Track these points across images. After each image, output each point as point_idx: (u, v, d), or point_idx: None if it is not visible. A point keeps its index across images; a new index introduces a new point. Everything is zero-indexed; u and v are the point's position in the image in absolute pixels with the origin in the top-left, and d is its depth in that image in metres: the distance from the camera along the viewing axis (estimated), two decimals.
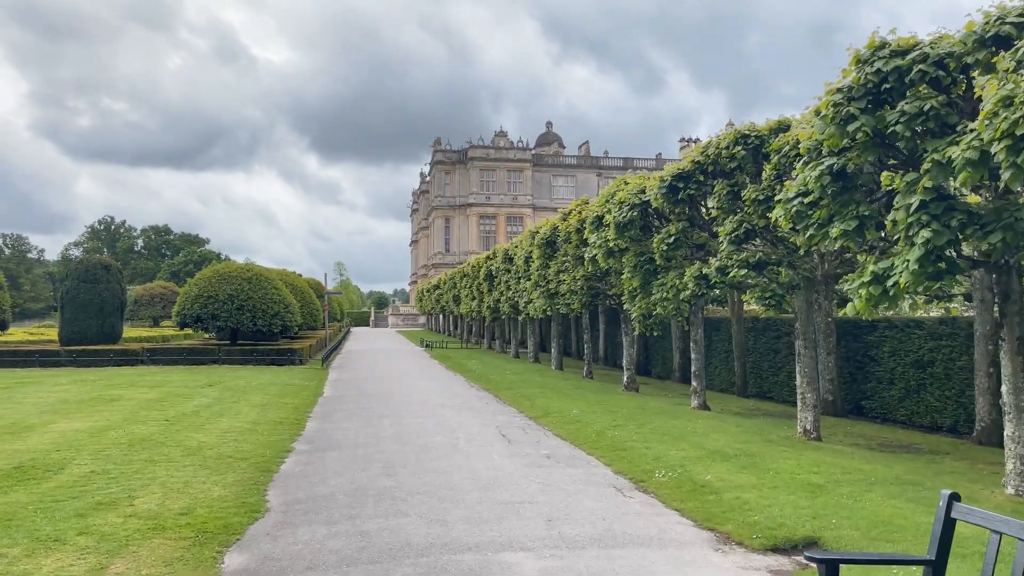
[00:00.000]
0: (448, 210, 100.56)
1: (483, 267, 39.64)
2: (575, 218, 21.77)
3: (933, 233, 8.14)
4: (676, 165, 14.86)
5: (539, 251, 25.98)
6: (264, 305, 32.98)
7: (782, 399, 22.03)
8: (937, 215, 8.24)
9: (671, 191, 14.83)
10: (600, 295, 22.61)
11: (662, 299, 16.46)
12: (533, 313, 28.75)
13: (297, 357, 32.30)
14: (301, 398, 20.75)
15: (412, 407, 19.02)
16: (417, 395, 21.77)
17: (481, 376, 27.38)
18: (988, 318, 13.96)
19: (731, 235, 12.75)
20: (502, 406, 19.57)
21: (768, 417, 18.20)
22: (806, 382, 13.65)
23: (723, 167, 13.83)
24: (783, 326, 22.28)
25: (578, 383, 25.16)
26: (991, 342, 13.89)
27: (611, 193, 18.20)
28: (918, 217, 8.35)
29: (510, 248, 33.73)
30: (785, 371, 21.90)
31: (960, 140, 8.02)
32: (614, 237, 17.24)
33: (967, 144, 7.72)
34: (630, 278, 18.01)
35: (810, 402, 13.66)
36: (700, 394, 18.18)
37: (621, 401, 20.00)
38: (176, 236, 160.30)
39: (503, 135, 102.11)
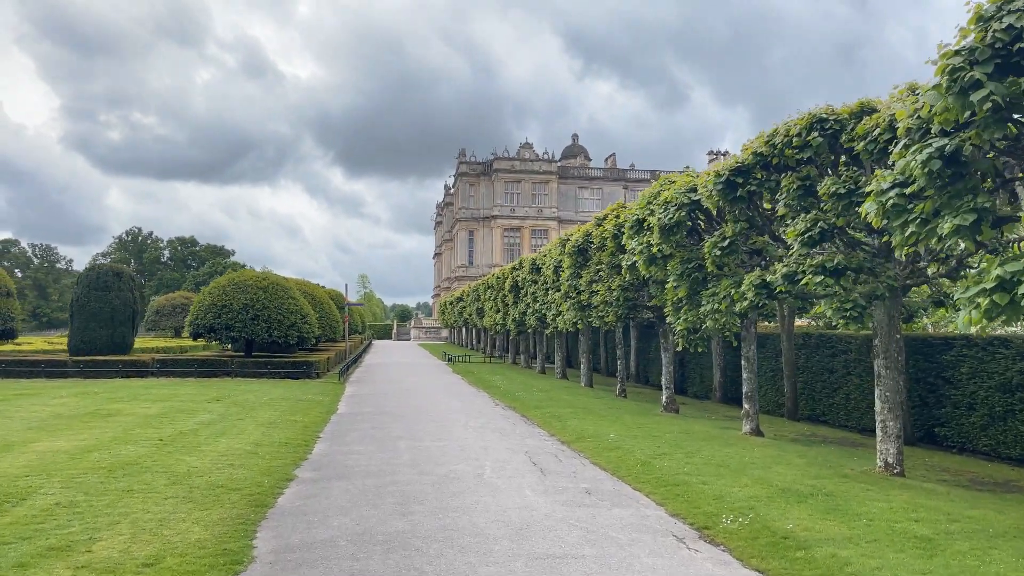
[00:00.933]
0: (472, 222, 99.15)
1: (508, 278, 37.95)
2: (611, 223, 20.00)
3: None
4: (733, 158, 13.09)
5: (570, 260, 24.22)
6: (280, 315, 31.52)
7: (839, 423, 20.03)
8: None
9: (728, 188, 13.04)
10: (637, 307, 20.80)
11: (713, 311, 14.64)
12: (562, 326, 26.97)
13: (313, 370, 30.76)
14: (313, 415, 19.13)
15: (432, 427, 17.31)
16: (438, 414, 20.07)
17: (506, 393, 25.63)
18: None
19: (803, 236, 10.94)
20: (530, 427, 17.81)
21: (830, 445, 16.25)
22: (887, 408, 11.75)
23: (789, 159, 12.02)
24: (838, 343, 20.31)
25: (611, 402, 23.33)
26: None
27: (654, 193, 16.43)
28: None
29: (537, 258, 32.01)
30: (842, 392, 19.92)
31: None
32: (658, 241, 15.46)
33: None
34: (675, 287, 16.21)
35: (892, 431, 11.75)
36: (752, 418, 16.29)
37: (662, 424, 18.16)
38: (202, 247, 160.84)
39: (528, 147, 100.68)
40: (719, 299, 14.42)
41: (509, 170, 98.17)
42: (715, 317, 14.69)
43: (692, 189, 14.72)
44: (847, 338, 20.13)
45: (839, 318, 10.78)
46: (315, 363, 31.00)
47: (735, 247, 13.79)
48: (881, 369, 11.78)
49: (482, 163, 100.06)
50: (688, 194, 14.64)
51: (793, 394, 21.32)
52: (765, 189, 12.75)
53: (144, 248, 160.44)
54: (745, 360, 16.53)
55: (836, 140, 11.12)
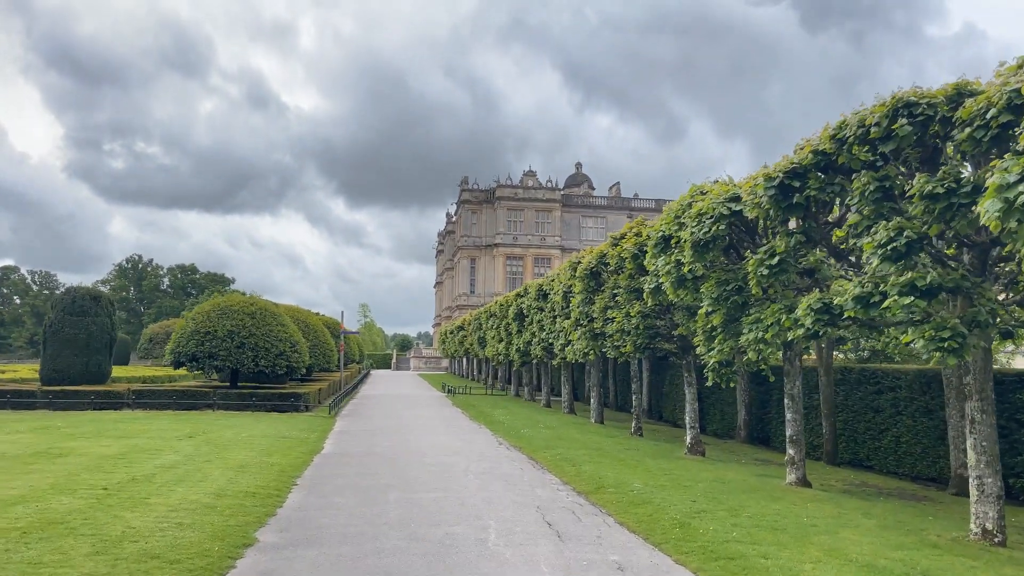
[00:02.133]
0: (474, 250, 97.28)
1: (512, 305, 35.79)
2: (631, 242, 17.91)
3: None
4: (785, 160, 11.03)
5: (582, 284, 22.10)
6: (267, 343, 29.34)
7: (887, 470, 17.74)
8: None
9: (781, 193, 10.96)
10: (659, 336, 18.62)
11: (756, 340, 12.48)
12: (571, 357, 24.77)
13: (302, 403, 28.50)
14: (293, 456, 16.88)
15: (427, 473, 15.07)
16: (434, 455, 17.82)
17: (511, 430, 23.37)
18: None
19: (885, 249, 8.85)
20: (540, 473, 15.56)
21: (891, 498, 13.99)
22: (985, 461, 9.54)
23: (857, 158, 9.95)
24: (884, 378, 18.11)
25: (627, 442, 21.06)
26: None
27: (684, 205, 14.36)
28: None
29: (544, 283, 29.88)
30: (890, 435, 17.66)
31: None
32: (690, 260, 13.35)
33: None
34: (708, 314, 14.08)
35: (991, 491, 9.53)
36: (799, 466, 14.05)
37: (690, 470, 15.91)
38: (201, 275, 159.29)
39: (531, 174, 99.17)
40: (764, 327, 12.27)
41: (512, 198, 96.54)
42: (758, 348, 12.52)
43: (733, 198, 12.65)
44: (895, 373, 17.93)
45: (933, 350, 8.62)
46: (304, 395, 28.74)
47: (785, 266, 11.68)
48: (975, 413, 9.58)
49: (484, 191, 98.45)
50: (728, 204, 12.56)
51: (832, 436, 19.05)
52: (826, 195, 10.68)
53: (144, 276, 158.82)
54: (789, 398, 14.34)
55: (925, 130, 9.09)
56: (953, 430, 14.54)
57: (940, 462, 16.13)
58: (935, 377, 16.59)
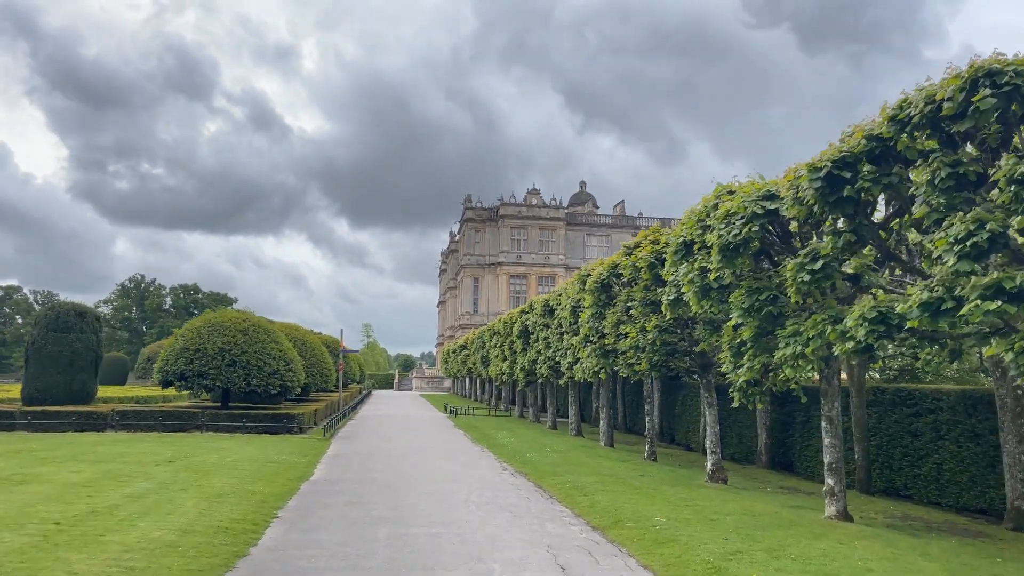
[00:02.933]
0: (477, 268, 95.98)
1: (517, 322, 34.37)
2: (647, 250, 16.54)
3: None
4: (833, 148, 9.66)
5: (592, 298, 20.70)
6: (260, 361, 27.92)
7: (927, 500, 16.22)
8: None
9: (829, 186, 9.59)
10: (676, 353, 17.20)
11: (794, 356, 11.06)
12: (580, 376, 23.33)
13: (296, 424, 27.05)
14: (278, 484, 15.43)
15: (424, 504, 13.61)
16: (433, 482, 16.36)
17: (515, 454, 21.88)
18: None
19: (963, 245, 7.48)
20: (549, 504, 14.10)
21: (943, 535, 12.48)
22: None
23: (916, 145, 8.61)
24: (923, 399, 16.63)
25: (641, 467, 19.56)
26: None
27: (709, 206, 12.99)
28: None
29: (551, 298, 28.47)
30: (931, 462, 16.16)
31: None
32: (717, 266, 11.98)
33: None
34: (737, 327, 12.68)
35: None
36: (839, 498, 12.57)
37: (713, 500, 14.43)
38: (204, 295, 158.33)
39: (535, 193, 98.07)
40: (803, 340, 10.86)
41: (516, 216, 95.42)
42: (796, 364, 11.10)
43: (768, 196, 11.28)
44: (935, 394, 16.45)
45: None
46: (297, 416, 27.28)
47: (830, 271, 10.28)
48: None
49: (488, 209, 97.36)
50: (762, 202, 11.20)
51: (865, 462, 17.53)
52: (880, 187, 9.32)
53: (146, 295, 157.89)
54: (827, 421, 12.89)
55: (1009, 104, 7.74)
56: (1009, 457, 13.06)
57: (990, 492, 14.62)
58: (982, 398, 15.13)
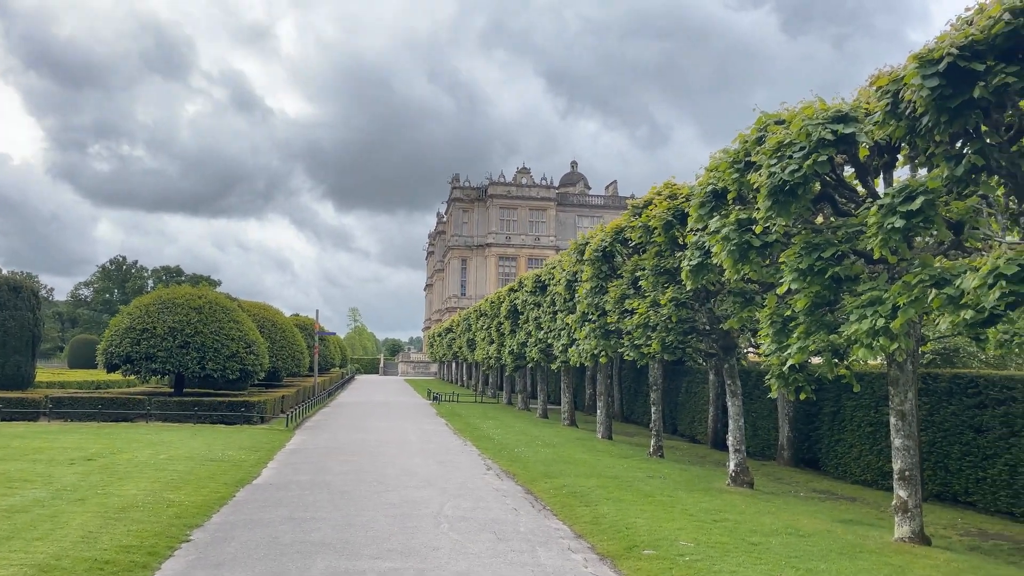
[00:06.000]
0: (465, 250, 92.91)
1: (505, 301, 31.46)
2: (662, 206, 13.62)
3: None
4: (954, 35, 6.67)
5: (591, 269, 17.80)
6: (217, 343, 24.94)
7: (996, 509, 13.50)
8: None
9: (951, 84, 6.61)
10: (695, 332, 14.33)
11: (871, 332, 8.23)
12: (576, 360, 20.47)
13: (255, 413, 24.12)
14: (208, 490, 12.52)
15: (383, 521, 10.74)
16: (401, 488, 13.50)
17: (502, 449, 19.05)
18: None
19: None
20: (542, 518, 11.27)
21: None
22: None
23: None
24: (991, 388, 13.90)
25: (647, 466, 16.77)
26: None
27: (751, 141, 10.07)
28: None
29: (543, 272, 25.56)
30: (1001, 462, 13.43)
31: None
32: (767, 214, 9.11)
33: None
34: (787, 294, 9.84)
35: None
36: (914, 515, 9.80)
37: (745, 512, 11.62)
38: (187, 277, 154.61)
39: (525, 172, 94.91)
40: (887, 311, 8.03)
41: (505, 196, 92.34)
42: (876, 343, 8.26)
43: (840, 117, 8.41)
44: (1005, 381, 13.72)
45: None
46: (258, 404, 24.33)
47: (931, 215, 7.42)
48: None
49: (476, 188, 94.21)
50: (832, 125, 8.33)
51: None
52: None
53: (128, 277, 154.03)
54: (899, 417, 10.10)
55: None
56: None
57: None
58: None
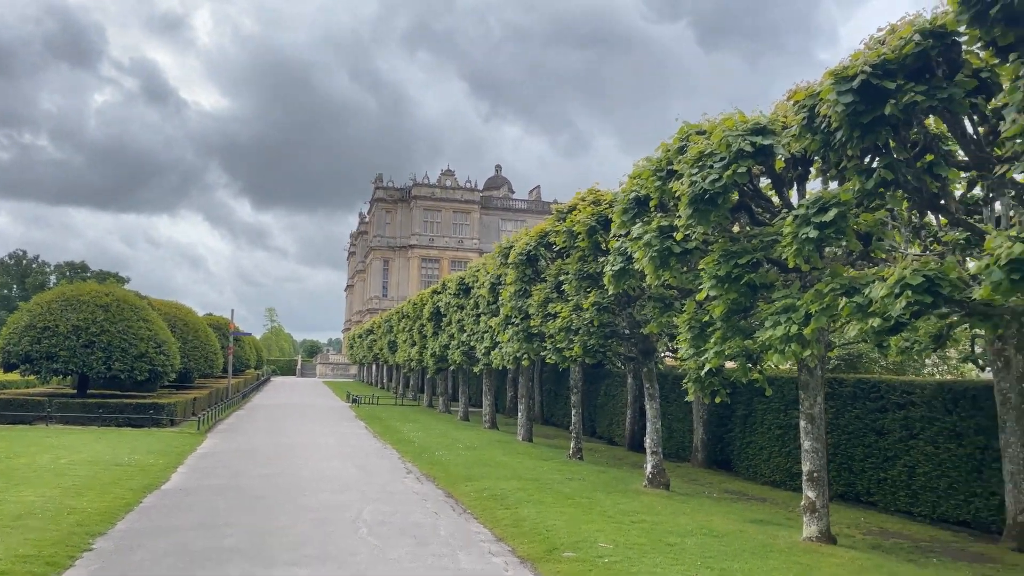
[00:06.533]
0: (387, 251, 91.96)
1: (428, 303, 31.24)
2: (586, 212, 13.79)
3: None
4: (867, 54, 6.99)
5: (515, 273, 17.86)
6: (125, 342, 23.88)
7: (896, 509, 14.18)
8: None
9: (864, 101, 6.91)
10: (616, 336, 14.56)
11: (786, 338, 8.53)
12: (499, 362, 20.50)
13: (165, 416, 23.20)
14: (112, 496, 11.94)
15: (301, 527, 10.48)
16: (319, 492, 13.21)
17: (423, 452, 18.89)
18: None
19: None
20: (463, 521, 11.22)
21: (937, 556, 10.27)
22: None
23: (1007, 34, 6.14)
24: (892, 392, 14.60)
25: (567, 468, 16.92)
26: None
27: (672, 151, 10.30)
28: None
29: (467, 275, 25.50)
30: (900, 464, 14.12)
31: None
32: (688, 222, 9.33)
33: None
34: (706, 300, 10.10)
35: None
36: (822, 515, 10.21)
37: (661, 513, 11.86)
38: (93, 274, 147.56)
39: (449, 174, 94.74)
40: (800, 318, 8.34)
41: (429, 197, 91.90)
42: (789, 348, 8.56)
43: (758, 130, 8.68)
44: (906, 386, 14.44)
45: None
46: (168, 406, 23.41)
47: (843, 226, 7.75)
48: None
49: (400, 189, 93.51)
50: (751, 137, 8.60)
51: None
52: (934, 101, 6.79)
53: (28, 272, 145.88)
54: (808, 420, 10.49)
55: None
56: (1012, 463, 10.99)
57: (975, 502, 12.62)
58: (965, 392, 13.14)
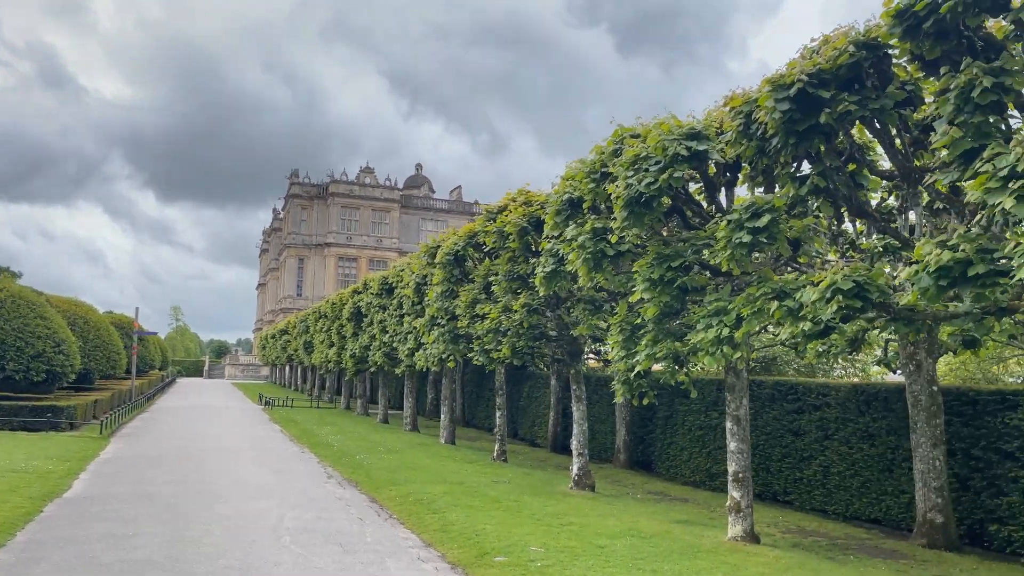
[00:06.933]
0: (303, 249, 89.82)
1: (348, 303, 30.57)
2: (517, 212, 13.69)
3: None
4: (803, 63, 7.13)
5: (443, 273, 17.62)
6: (20, 341, 22.44)
7: (811, 507, 14.67)
8: None
9: (800, 110, 7.07)
10: (544, 338, 14.52)
11: (717, 341, 8.65)
12: (423, 364, 20.19)
13: (64, 418, 21.87)
14: (11, 506, 11.11)
15: (217, 535, 9.98)
16: (236, 499, 12.65)
17: (343, 455, 18.42)
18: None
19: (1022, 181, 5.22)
20: (389, 527, 10.93)
21: (854, 553, 10.64)
22: None
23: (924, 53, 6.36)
24: (808, 394, 15.10)
25: (493, 471, 16.80)
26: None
27: (607, 153, 10.31)
28: None
29: (391, 275, 25.04)
30: (815, 464, 14.62)
31: None
32: (623, 224, 9.35)
33: None
34: (639, 303, 10.16)
35: None
36: (746, 515, 10.42)
37: (589, 515, 11.88)
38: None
39: (369, 171, 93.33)
40: (731, 321, 8.47)
41: (347, 195, 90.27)
42: (721, 351, 8.68)
43: (693, 135, 8.77)
44: (821, 388, 14.95)
45: None
46: (67, 409, 22.09)
47: (775, 231, 7.91)
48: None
49: (317, 186, 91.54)
50: (687, 142, 8.68)
51: None
52: (866, 111, 6.98)
53: None
54: (734, 422, 10.68)
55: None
56: (922, 462, 11.49)
57: (885, 500, 13.16)
58: (877, 394, 13.69)
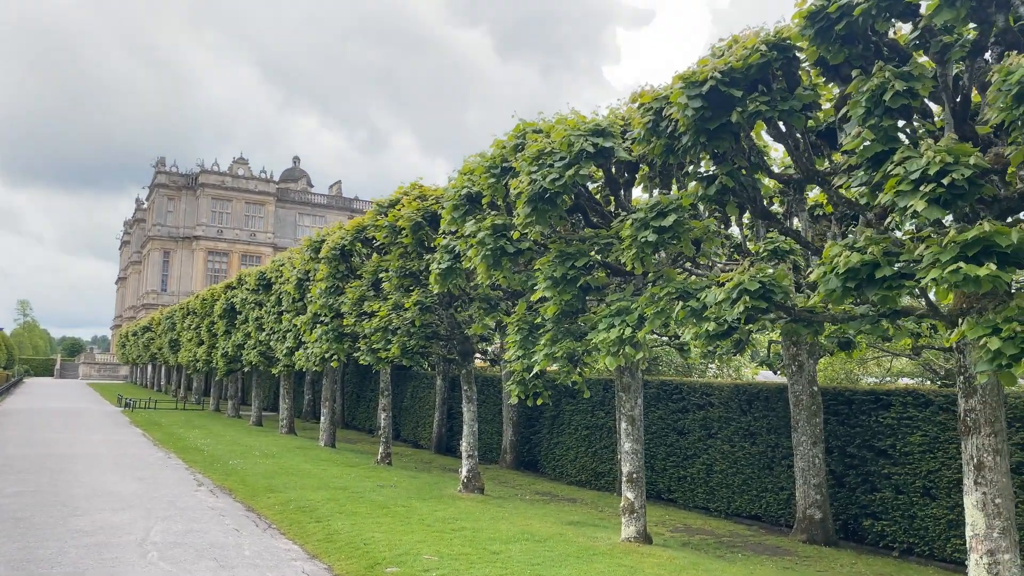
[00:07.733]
0: (169, 241, 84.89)
1: (220, 299, 28.87)
2: (412, 206, 13.16)
3: None
4: (714, 61, 7.10)
5: (328, 268, 16.77)
6: None
7: (694, 505, 14.99)
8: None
9: (712, 109, 6.99)
10: (436, 337, 14.06)
11: (619, 340, 8.54)
12: (304, 364, 19.22)
13: None
14: None
15: (73, 554, 8.95)
16: (94, 512, 11.48)
17: (214, 462, 17.24)
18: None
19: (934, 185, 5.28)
20: (270, 538, 10.19)
21: (741, 551, 10.85)
22: (1000, 528, 6.39)
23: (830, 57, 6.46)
24: (692, 394, 15.41)
25: (376, 474, 16.19)
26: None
27: (508, 148, 10.01)
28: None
29: (269, 270, 23.78)
30: (699, 463, 14.94)
31: None
32: (526, 220, 9.07)
33: None
34: (539, 302, 9.94)
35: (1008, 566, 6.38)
36: (639, 516, 10.40)
37: (480, 520, 11.56)
38: None
39: (243, 162, 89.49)
40: (633, 321, 8.38)
41: (219, 186, 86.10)
42: (623, 351, 8.57)
43: (599, 131, 8.61)
44: (705, 388, 15.30)
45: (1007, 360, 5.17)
46: None
47: (680, 230, 7.86)
48: (987, 455, 6.39)
49: (185, 176, 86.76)
50: (593, 138, 8.50)
51: None
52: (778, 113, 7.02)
53: None
54: (629, 422, 10.65)
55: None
56: (803, 460, 11.90)
57: (766, 497, 13.59)
58: (759, 394, 14.13)
